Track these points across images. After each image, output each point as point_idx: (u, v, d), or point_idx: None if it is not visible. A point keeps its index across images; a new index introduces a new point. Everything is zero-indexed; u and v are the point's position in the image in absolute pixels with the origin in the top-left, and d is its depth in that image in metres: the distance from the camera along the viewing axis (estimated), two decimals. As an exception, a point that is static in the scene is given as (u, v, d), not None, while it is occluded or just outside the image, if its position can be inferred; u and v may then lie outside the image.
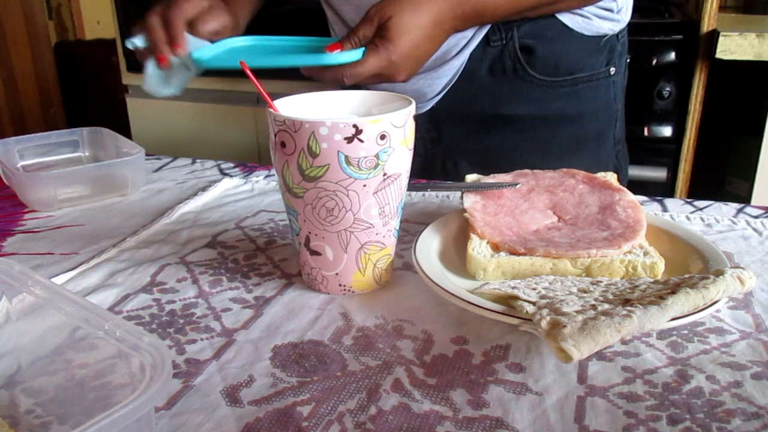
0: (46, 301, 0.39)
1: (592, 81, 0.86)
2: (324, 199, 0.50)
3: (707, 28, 1.51)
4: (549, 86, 0.84)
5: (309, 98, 0.57)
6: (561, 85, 0.84)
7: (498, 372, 0.44)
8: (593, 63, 0.85)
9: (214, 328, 0.50)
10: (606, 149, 0.91)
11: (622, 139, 0.94)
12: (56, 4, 2.87)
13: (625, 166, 0.95)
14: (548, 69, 0.83)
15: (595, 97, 0.87)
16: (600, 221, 0.57)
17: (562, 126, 0.86)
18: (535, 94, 0.84)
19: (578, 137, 0.88)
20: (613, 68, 0.87)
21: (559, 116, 0.86)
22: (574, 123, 0.87)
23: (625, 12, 0.86)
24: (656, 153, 1.62)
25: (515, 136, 0.86)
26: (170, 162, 0.89)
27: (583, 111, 0.87)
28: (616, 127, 0.92)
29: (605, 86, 0.88)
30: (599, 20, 0.83)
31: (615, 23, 0.85)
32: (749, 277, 0.46)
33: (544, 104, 0.85)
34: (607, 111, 0.90)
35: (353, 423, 0.40)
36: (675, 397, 0.41)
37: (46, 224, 0.70)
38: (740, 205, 0.71)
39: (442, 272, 0.53)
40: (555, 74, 0.84)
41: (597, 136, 0.90)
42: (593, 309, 0.42)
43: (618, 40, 0.87)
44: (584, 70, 0.85)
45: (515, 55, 0.82)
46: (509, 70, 0.83)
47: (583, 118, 0.87)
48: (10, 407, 0.40)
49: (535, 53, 0.82)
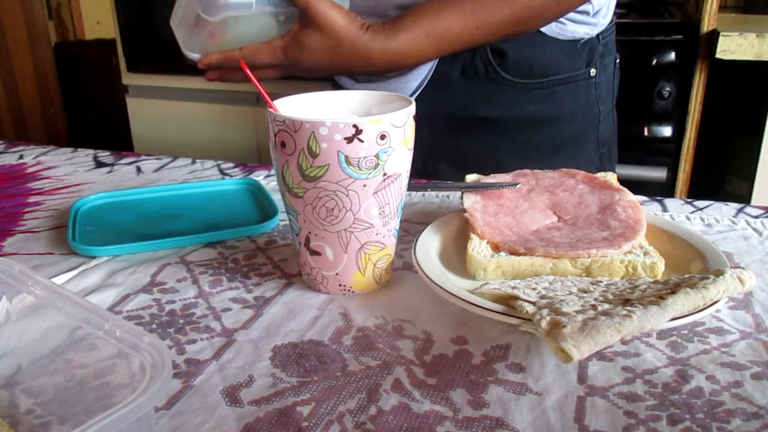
0: (46, 301, 0.39)
1: (570, 83, 0.85)
2: (324, 199, 0.50)
3: (707, 28, 1.51)
4: (524, 88, 0.83)
5: (309, 98, 0.57)
6: (536, 88, 0.84)
7: (498, 372, 0.44)
8: (571, 65, 0.84)
9: (214, 328, 0.50)
10: (587, 152, 0.90)
11: (609, 142, 0.93)
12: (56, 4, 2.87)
13: (611, 168, 0.93)
14: (522, 71, 0.82)
15: (573, 99, 0.86)
16: (600, 221, 0.57)
17: (540, 128, 0.86)
18: (509, 97, 0.83)
19: (556, 139, 0.87)
20: (594, 70, 0.86)
21: (536, 118, 0.85)
22: (552, 125, 0.86)
23: (603, 14, 0.85)
24: (656, 153, 1.62)
25: (492, 139, 0.86)
26: (170, 162, 0.89)
27: (560, 113, 0.86)
28: (599, 129, 0.90)
29: (585, 88, 0.87)
30: (574, 24, 0.82)
31: (592, 27, 0.84)
32: (749, 277, 0.46)
33: (519, 106, 0.84)
34: (588, 113, 0.88)
35: (353, 423, 0.40)
36: (675, 397, 0.41)
37: (46, 224, 0.70)
38: (740, 205, 0.71)
39: (442, 272, 0.53)
40: (530, 76, 0.83)
41: (576, 139, 0.89)
42: (593, 309, 0.42)
43: (599, 42, 0.86)
44: (561, 72, 0.84)
45: (487, 58, 0.81)
46: (481, 72, 0.82)
47: (561, 121, 0.86)
48: (10, 407, 0.40)
49: (507, 56, 0.81)
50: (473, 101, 0.84)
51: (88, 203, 0.72)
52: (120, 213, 0.71)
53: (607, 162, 0.93)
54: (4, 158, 0.93)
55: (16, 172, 0.87)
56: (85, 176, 0.85)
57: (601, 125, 0.90)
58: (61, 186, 0.81)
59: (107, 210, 0.72)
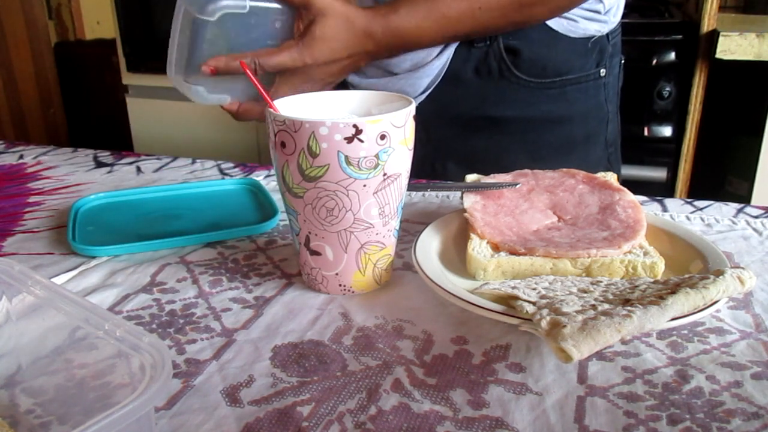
0: (46, 301, 0.39)
1: (581, 83, 0.85)
2: (324, 199, 0.50)
3: (707, 28, 1.52)
4: (536, 88, 0.83)
5: (309, 98, 0.57)
6: (549, 87, 0.84)
7: (498, 372, 0.44)
8: (582, 65, 0.84)
9: (214, 328, 0.50)
10: (596, 152, 0.90)
11: (616, 142, 0.93)
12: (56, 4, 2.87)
13: (617, 168, 0.94)
14: (535, 71, 0.82)
15: (584, 100, 0.86)
16: (600, 221, 0.57)
17: (551, 128, 0.85)
18: (522, 96, 0.83)
19: (567, 140, 0.87)
20: (604, 70, 0.86)
21: (547, 118, 0.85)
22: (563, 125, 0.86)
23: (613, 13, 0.85)
24: (656, 153, 1.62)
25: (503, 138, 0.86)
26: (170, 162, 0.89)
27: (571, 113, 0.86)
28: (607, 129, 0.90)
29: (595, 88, 0.87)
30: (586, 22, 0.82)
31: (603, 24, 0.84)
32: (749, 277, 0.46)
33: (531, 106, 0.84)
34: (598, 113, 0.89)
35: (353, 423, 0.40)
36: (675, 397, 0.41)
37: (46, 224, 0.70)
38: (740, 205, 0.71)
39: (442, 272, 0.53)
40: (542, 76, 0.83)
41: (586, 139, 0.89)
42: (593, 309, 0.42)
43: (608, 41, 0.86)
44: (572, 72, 0.84)
45: (500, 57, 0.81)
46: (495, 71, 0.82)
47: (572, 121, 0.86)
48: (10, 407, 0.40)
49: (520, 55, 0.81)
50: (485, 101, 0.84)
51: (88, 203, 0.72)
52: (120, 213, 0.71)
53: (615, 162, 0.94)
54: (4, 158, 0.93)
55: (16, 172, 0.87)
56: (85, 176, 0.85)
57: (609, 125, 0.91)
58: (61, 186, 0.81)
59: (107, 210, 0.72)
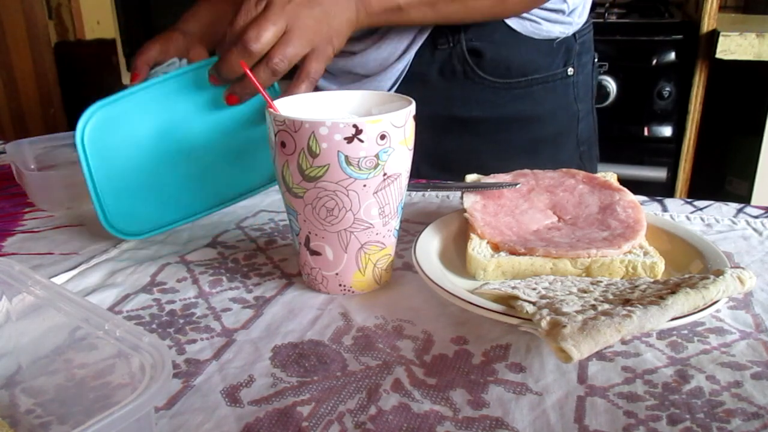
0: (46, 301, 0.39)
1: (548, 82, 0.85)
2: (324, 199, 0.50)
3: (707, 28, 1.52)
4: (502, 88, 0.83)
5: (309, 98, 0.57)
6: (514, 87, 0.84)
7: (498, 372, 0.44)
8: (548, 64, 0.84)
9: (214, 328, 0.50)
10: (566, 151, 0.90)
11: (589, 140, 0.93)
12: (56, 4, 2.87)
13: (591, 167, 0.94)
14: (500, 71, 0.82)
15: (552, 99, 0.86)
16: (600, 221, 0.57)
17: (519, 128, 0.86)
18: (488, 97, 0.83)
19: (535, 139, 0.87)
20: (572, 69, 0.86)
21: (515, 118, 0.85)
22: (531, 124, 0.86)
23: (578, 13, 0.85)
24: (656, 153, 1.62)
25: (472, 139, 0.86)
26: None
27: (539, 112, 0.86)
28: (578, 128, 0.90)
29: (563, 87, 0.87)
30: (549, 24, 0.82)
31: (567, 26, 0.84)
32: (749, 277, 0.46)
33: (498, 106, 0.84)
34: (567, 112, 0.89)
35: (353, 423, 0.40)
36: (675, 397, 0.41)
37: (46, 224, 0.70)
38: (740, 205, 0.71)
39: (442, 272, 0.53)
40: (507, 76, 0.83)
41: (555, 138, 0.89)
42: (593, 309, 0.42)
43: (575, 41, 0.86)
44: (538, 72, 0.84)
45: (464, 58, 0.81)
46: (459, 72, 0.82)
47: (540, 120, 0.86)
48: (10, 407, 0.40)
49: (484, 56, 0.81)
50: (452, 101, 0.84)
51: None
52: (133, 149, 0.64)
53: (588, 161, 0.93)
54: (4, 158, 0.93)
55: (16, 172, 0.87)
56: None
57: (581, 124, 0.91)
58: (61, 186, 0.81)
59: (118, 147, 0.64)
